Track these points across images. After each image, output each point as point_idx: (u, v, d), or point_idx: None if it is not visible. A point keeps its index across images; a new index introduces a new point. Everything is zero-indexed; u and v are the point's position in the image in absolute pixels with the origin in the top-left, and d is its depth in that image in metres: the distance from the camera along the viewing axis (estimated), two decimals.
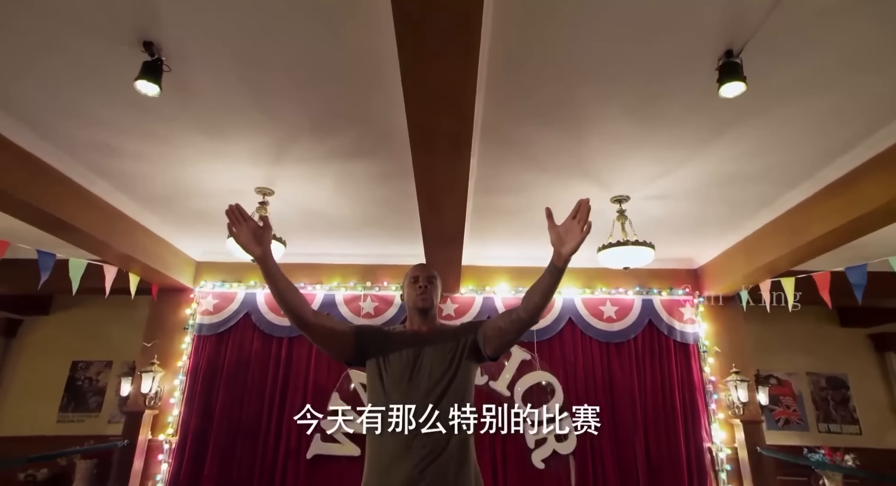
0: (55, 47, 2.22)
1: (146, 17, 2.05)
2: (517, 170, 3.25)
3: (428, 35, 1.74)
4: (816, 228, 3.29)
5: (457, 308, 4.81)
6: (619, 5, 1.96)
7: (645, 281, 4.84)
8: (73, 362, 5.86)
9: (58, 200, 3.18)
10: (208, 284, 4.83)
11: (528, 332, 4.26)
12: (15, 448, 5.38)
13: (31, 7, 2.01)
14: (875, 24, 2.02)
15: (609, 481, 4.33)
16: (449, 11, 1.64)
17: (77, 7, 2.00)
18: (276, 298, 1.76)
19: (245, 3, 1.98)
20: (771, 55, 2.18)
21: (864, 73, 2.30)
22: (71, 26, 2.10)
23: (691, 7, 1.97)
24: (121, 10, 2.02)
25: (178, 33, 2.13)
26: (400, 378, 1.78)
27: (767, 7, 1.95)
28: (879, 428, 5.75)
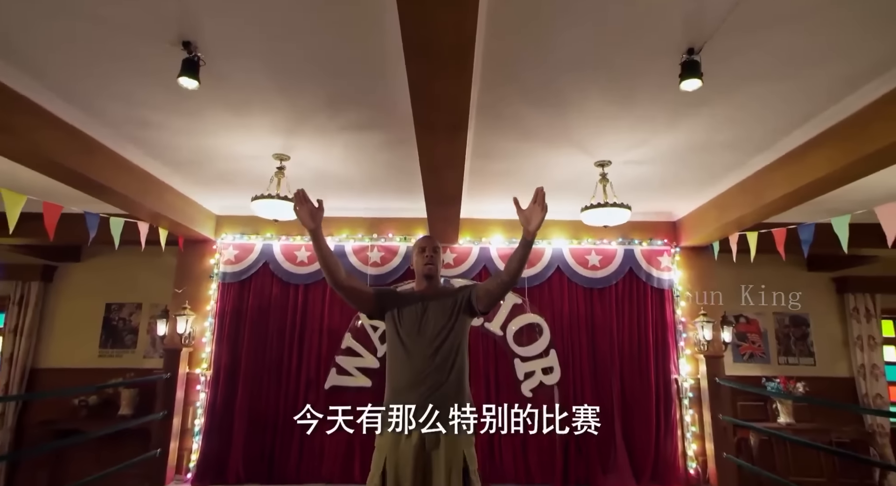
0: (111, 49, 2.55)
1: (186, 22, 2.35)
2: (510, 140, 3.58)
3: (432, 46, 2.06)
4: (774, 191, 3.68)
5: (455, 257, 5.26)
6: (594, 12, 2.26)
7: (627, 232, 5.26)
8: (106, 304, 6.39)
9: (100, 168, 3.54)
10: (228, 236, 5.26)
11: (520, 279, 4.77)
12: (64, 378, 6.04)
13: (94, 19, 2.32)
14: (817, 27, 2.32)
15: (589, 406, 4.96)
16: (448, 33, 1.96)
17: (128, 15, 2.30)
18: (321, 262, 2.26)
19: (269, 8, 2.27)
20: (729, 50, 2.48)
21: (809, 67, 2.62)
22: (123, 31, 2.40)
23: (656, 13, 2.26)
24: (165, 16, 2.31)
25: (212, 33, 2.42)
26: (411, 329, 2.25)
27: (724, 13, 2.25)
28: (831, 360, 6.39)
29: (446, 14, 1.87)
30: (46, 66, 2.72)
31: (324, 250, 2.26)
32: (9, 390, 5.83)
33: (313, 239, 2.26)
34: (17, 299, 6.08)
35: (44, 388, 6.08)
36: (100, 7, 2.25)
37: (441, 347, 2.20)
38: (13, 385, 5.86)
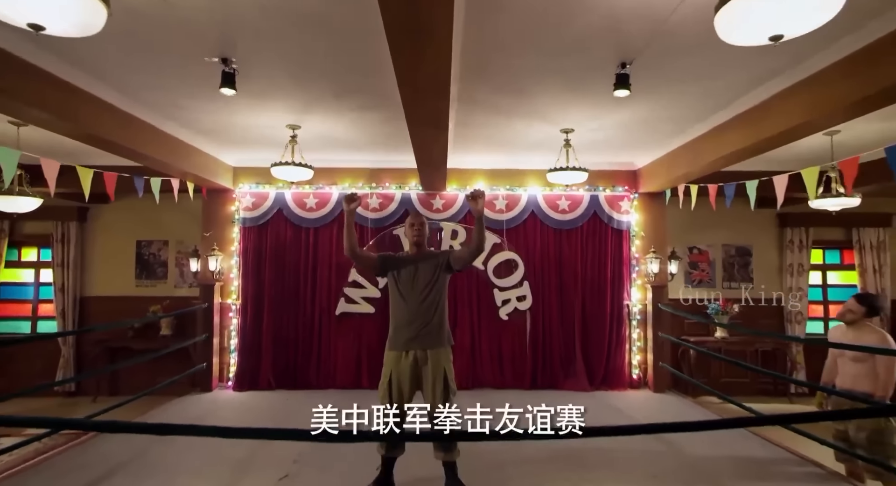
0: (160, 58, 3.14)
1: (225, 42, 2.94)
2: (487, 115, 4.21)
3: (414, 49, 2.60)
4: (706, 155, 4.42)
5: (444, 203, 6.01)
6: (546, 35, 2.85)
7: (593, 180, 5.97)
8: (136, 241, 7.19)
9: (139, 139, 4.17)
10: (245, 185, 5.96)
11: (499, 222, 5.58)
12: (108, 304, 6.98)
13: (151, 42, 2.91)
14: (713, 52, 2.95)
15: (554, 328, 5.97)
16: (431, 40, 2.54)
17: (177, 39, 2.89)
18: (346, 236, 3.08)
19: (285, 29, 2.83)
20: (658, 60, 3.11)
21: (721, 70, 3.26)
22: (171, 47, 2.99)
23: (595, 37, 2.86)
24: (206, 38, 2.90)
25: (242, 48, 3.01)
26: (406, 284, 3.07)
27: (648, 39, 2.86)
28: (767, 284, 7.39)
29: (428, 51, 2.44)
30: (109, 69, 3.30)
31: (350, 229, 3.06)
32: (65, 315, 6.78)
33: (347, 219, 3.07)
34: (58, 237, 6.85)
35: (92, 313, 7.02)
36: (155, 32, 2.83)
37: (428, 296, 3.04)
38: (68, 310, 6.80)
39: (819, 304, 7.54)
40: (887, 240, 7.34)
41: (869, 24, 2.61)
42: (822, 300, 7.56)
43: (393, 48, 2.40)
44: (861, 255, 7.33)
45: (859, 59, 2.81)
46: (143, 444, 3.74)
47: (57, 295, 6.81)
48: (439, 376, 3.01)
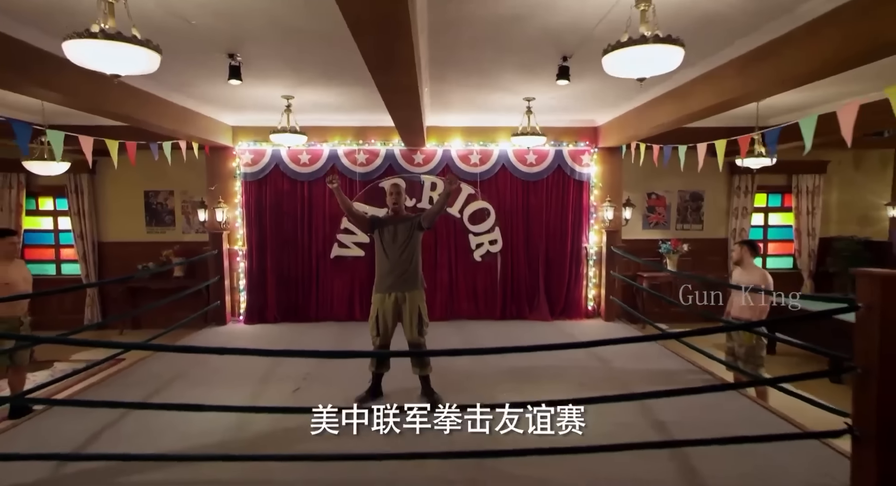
0: (175, 50, 3.68)
1: (232, 39, 3.50)
2: (458, 87, 4.81)
3: (380, 48, 3.22)
4: (650, 121, 5.10)
5: (424, 158, 6.66)
6: (499, 38, 3.45)
7: (558, 136, 6.64)
8: (144, 191, 7.82)
9: (153, 112, 4.75)
10: (244, 143, 6.54)
11: (473, 175, 6.28)
12: (123, 249, 7.73)
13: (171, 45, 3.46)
14: None
15: (521, 267, 6.85)
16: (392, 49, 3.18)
17: (194, 38, 3.46)
18: (341, 203, 3.83)
19: (282, 33, 3.41)
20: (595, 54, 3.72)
21: None
22: (185, 43, 3.56)
23: (539, 39, 3.47)
24: (217, 40, 3.47)
25: (246, 45, 3.58)
26: (388, 240, 3.82)
27: (578, 44, 3.47)
28: (715, 225, 8.26)
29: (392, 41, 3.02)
30: None
31: (342, 197, 3.82)
32: (86, 259, 7.53)
33: (336, 193, 3.81)
34: (72, 188, 7.47)
35: (109, 257, 7.77)
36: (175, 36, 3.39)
37: (405, 250, 3.82)
38: (88, 255, 7.55)
39: (759, 242, 8.46)
40: (822, 185, 8.17)
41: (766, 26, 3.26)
42: (762, 239, 8.48)
43: (359, 41, 2.90)
44: (798, 199, 8.17)
45: (751, 55, 3.48)
46: (182, 366, 4.63)
47: (77, 241, 7.53)
48: (415, 313, 3.85)
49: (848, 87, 4.64)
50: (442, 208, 3.88)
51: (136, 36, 2.22)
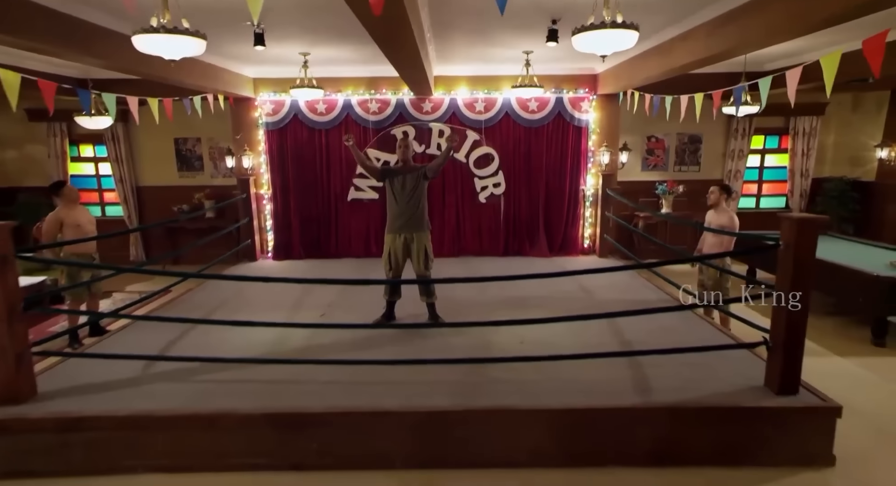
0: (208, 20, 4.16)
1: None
2: (462, 45, 5.21)
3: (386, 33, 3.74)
4: (639, 74, 5.45)
5: (432, 106, 7.09)
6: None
7: (559, 84, 6.98)
8: (174, 138, 8.40)
9: (183, 71, 5.25)
10: (265, 94, 7.02)
11: (478, 122, 6.77)
12: (158, 192, 8.41)
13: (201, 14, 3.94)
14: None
15: (522, 208, 7.41)
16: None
17: (223, 14, 3.92)
18: (356, 158, 4.42)
19: (301, 6, 3.86)
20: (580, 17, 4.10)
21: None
22: (216, 14, 4.03)
23: (527, 5, 3.86)
24: (244, 13, 3.93)
25: (269, 16, 4.03)
26: (397, 187, 4.40)
27: (563, 10, 3.86)
28: (711, 167, 8.63)
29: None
30: None
31: (357, 152, 4.41)
32: (127, 202, 8.25)
33: (352, 150, 4.39)
34: (109, 136, 8.06)
35: (147, 199, 8.48)
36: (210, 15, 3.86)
37: (412, 197, 4.40)
38: (129, 197, 8.27)
39: (754, 183, 8.85)
40: (819, 127, 8.41)
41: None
42: (757, 180, 8.85)
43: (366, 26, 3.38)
44: (794, 140, 8.45)
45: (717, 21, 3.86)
46: (223, 297, 5.42)
47: (118, 185, 8.22)
48: (422, 250, 4.50)
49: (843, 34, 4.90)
50: (445, 161, 4.43)
51: (187, 28, 2.74)
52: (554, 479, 3.05)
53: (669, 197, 8.29)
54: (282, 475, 3.09)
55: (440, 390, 3.36)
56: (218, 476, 3.07)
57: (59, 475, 3.04)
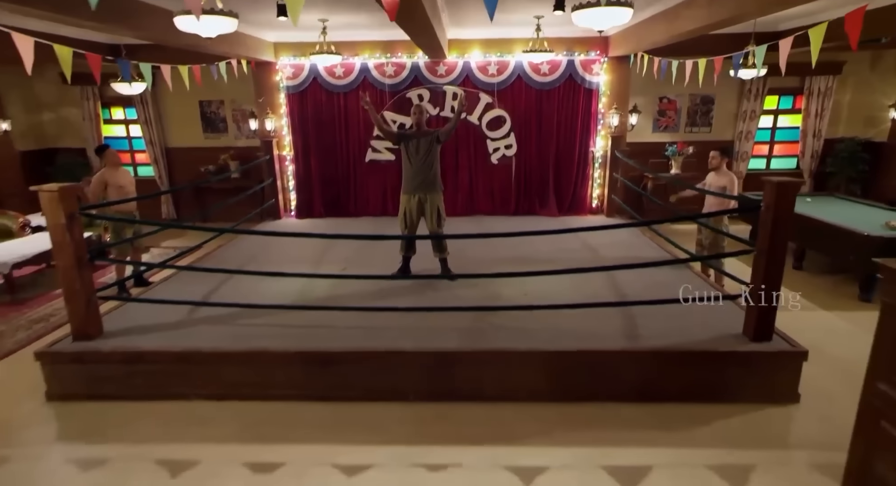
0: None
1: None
2: (473, 8, 5.37)
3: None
4: (647, 38, 5.58)
5: (446, 69, 7.27)
6: None
7: (570, 46, 7.08)
8: (199, 101, 8.72)
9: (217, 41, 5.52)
10: (285, 58, 7.26)
11: (491, 84, 6.97)
12: (185, 153, 8.82)
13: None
14: None
15: (533, 169, 7.66)
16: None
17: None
18: (374, 120, 4.70)
19: None
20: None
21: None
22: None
23: None
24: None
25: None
26: (412, 151, 4.70)
27: None
28: (722, 128, 8.71)
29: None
30: None
31: (374, 115, 4.71)
32: (157, 162, 8.69)
33: (370, 112, 4.67)
34: (138, 99, 8.40)
35: (176, 160, 8.89)
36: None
37: (426, 160, 4.72)
38: (159, 158, 8.69)
39: (766, 144, 8.92)
40: (835, 86, 8.38)
41: None
42: (769, 141, 8.91)
43: None
44: (808, 100, 8.45)
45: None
46: (251, 252, 5.87)
47: (148, 146, 8.64)
48: (434, 210, 4.85)
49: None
50: (455, 125, 4.70)
51: (221, 9, 3.04)
52: (548, 411, 3.48)
53: (679, 158, 8.44)
54: (311, 405, 3.57)
55: (449, 334, 3.78)
56: (256, 404, 3.57)
57: (126, 398, 3.57)
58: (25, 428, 3.36)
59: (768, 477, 2.85)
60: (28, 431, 3.34)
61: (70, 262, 3.41)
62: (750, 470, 2.91)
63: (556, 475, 2.91)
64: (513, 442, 3.19)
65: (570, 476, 2.91)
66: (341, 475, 2.94)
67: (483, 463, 3.02)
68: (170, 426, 3.38)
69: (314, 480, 2.91)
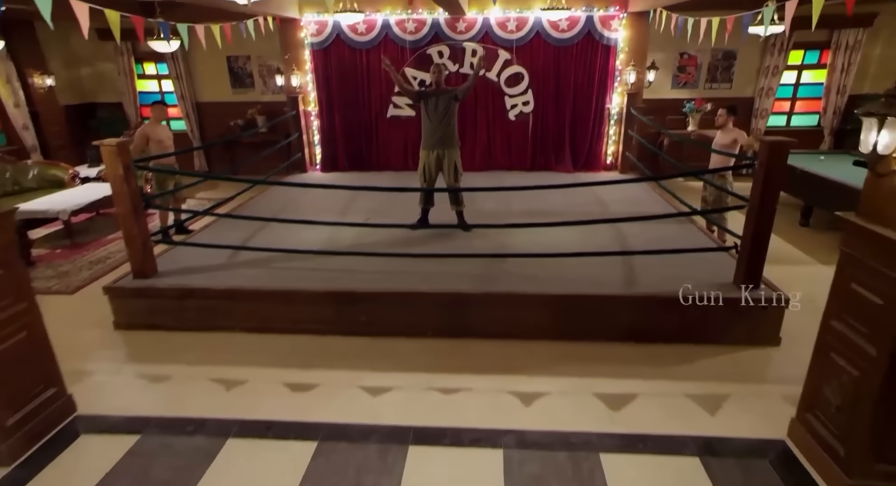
0: None
1: None
2: None
3: None
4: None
5: (466, 25, 7.35)
6: None
7: (590, 2, 7.09)
8: (227, 56, 8.96)
9: None
10: (309, 15, 7.42)
11: (510, 41, 7.14)
12: (215, 107, 9.15)
13: None
14: None
15: (549, 125, 7.82)
16: None
17: None
18: (395, 81, 4.96)
19: None
20: None
21: None
22: None
23: None
24: None
25: None
26: (431, 109, 4.96)
27: None
28: (743, 84, 8.65)
29: None
30: None
31: (395, 76, 4.96)
32: (189, 117, 9.05)
33: (391, 73, 4.91)
34: (169, 54, 8.68)
35: (206, 114, 9.24)
36: None
37: (444, 117, 4.97)
38: (190, 113, 9.05)
39: (787, 101, 8.85)
40: (864, 39, 8.17)
41: None
42: (791, 97, 8.84)
43: None
44: (835, 55, 8.30)
45: None
46: (281, 204, 6.28)
47: (179, 101, 8.99)
48: (452, 165, 5.14)
49: None
50: (472, 84, 4.91)
51: None
52: (551, 348, 3.89)
53: (696, 115, 8.48)
54: (339, 338, 4.04)
55: (463, 278, 4.17)
56: (292, 337, 4.05)
57: (179, 329, 4.09)
58: (101, 350, 3.92)
59: (738, 405, 3.23)
60: (104, 352, 3.89)
61: (128, 209, 3.84)
62: (724, 400, 3.29)
63: (552, 399, 3.34)
64: (517, 372, 3.62)
65: (565, 400, 3.33)
66: (367, 395, 3.41)
67: (490, 389, 3.46)
68: (218, 352, 3.89)
69: (344, 398, 3.39)
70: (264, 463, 2.84)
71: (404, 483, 2.70)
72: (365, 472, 2.77)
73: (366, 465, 2.82)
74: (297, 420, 3.17)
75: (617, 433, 3.01)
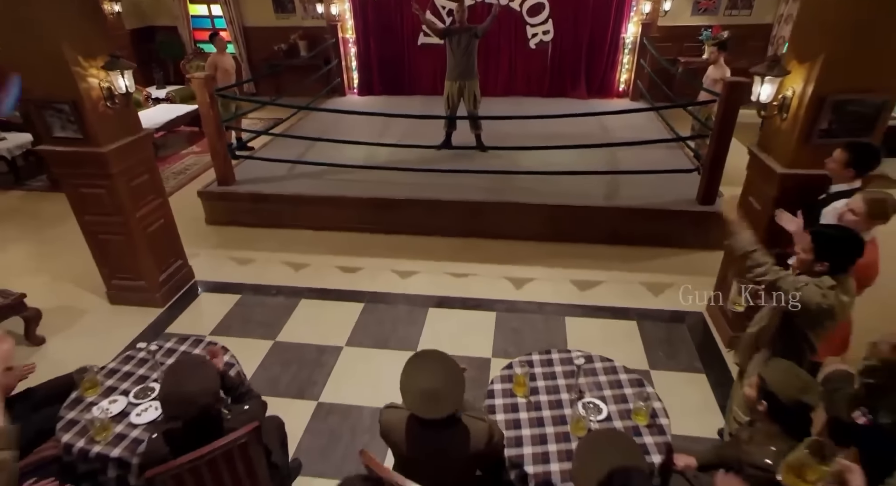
0: None
1: None
2: None
3: None
4: None
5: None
6: None
7: None
8: None
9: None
10: None
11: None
12: (261, 32, 9.76)
13: None
14: None
15: (567, 54, 8.26)
16: None
17: None
18: (422, 21, 5.63)
19: None
20: None
21: None
22: None
23: None
24: None
25: None
26: (455, 44, 5.59)
27: None
28: (763, 11, 8.73)
29: None
30: None
31: (424, 18, 5.59)
32: (237, 40, 9.72)
33: (420, 15, 5.57)
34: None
35: (252, 38, 9.87)
36: None
37: (466, 52, 5.61)
38: (238, 37, 9.71)
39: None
40: None
41: None
42: None
43: None
44: None
45: None
46: (327, 124, 7.14)
47: (228, 26, 9.63)
48: (472, 94, 5.86)
49: None
50: (491, 23, 5.52)
51: None
52: (545, 247, 4.85)
53: (711, 43, 8.71)
54: (378, 235, 5.09)
55: (479, 190, 5.08)
56: (342, 234, 5.11)
57: (255, 226, 5.20)
58: (200, 239, 5.06)
59: (678, 290, 4.20)
60: (202, 239, 5.05)
61: (213, 128, 4.82)
62: (667, 286, 4.26)
63: (538, 283, 4.37)
64: (514, 263, 4.63)
65: (547, 284, 4.35)
66: (399, 278, 4.49)
67: (492, 275, 4.50)
68: (286, 244, 5.00)
69: (382, 279, 4.47)
70: (329, 315, 4.01)
71: (425, 330, 3.83)
72: (398, 323, 3.90)
73: (398, 318, 3.95)
74: (348, 289, 4.31)
75: (580, 305, 4.05)
